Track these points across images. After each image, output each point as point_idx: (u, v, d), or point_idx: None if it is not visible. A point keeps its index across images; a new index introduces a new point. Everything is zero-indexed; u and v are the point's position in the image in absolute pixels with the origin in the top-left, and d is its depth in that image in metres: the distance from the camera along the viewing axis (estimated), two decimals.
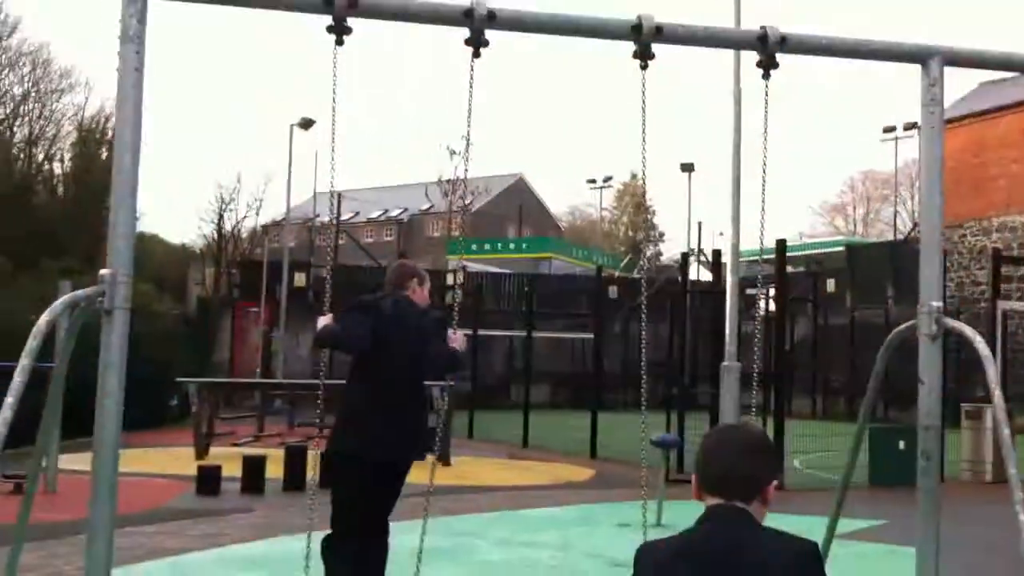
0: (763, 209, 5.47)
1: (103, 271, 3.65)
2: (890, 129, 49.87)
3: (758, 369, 6.48)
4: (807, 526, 3.87)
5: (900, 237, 38.92)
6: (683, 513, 10.76)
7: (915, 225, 35.50)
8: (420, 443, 5.68)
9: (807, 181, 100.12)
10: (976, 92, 33.87)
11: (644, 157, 5.34)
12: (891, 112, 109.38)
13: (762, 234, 5.80)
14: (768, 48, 4.76)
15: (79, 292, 3.72)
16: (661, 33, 4.49)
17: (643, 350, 5.91)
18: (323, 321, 5.33)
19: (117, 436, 3.70)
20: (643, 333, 6.10)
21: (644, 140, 5.20)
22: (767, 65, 4.85)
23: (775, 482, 2.56)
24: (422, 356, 5.46)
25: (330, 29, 4.04)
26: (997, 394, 4.63)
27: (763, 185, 5.30)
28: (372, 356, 5.36)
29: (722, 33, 4.91)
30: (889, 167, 60.37)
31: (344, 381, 5.70)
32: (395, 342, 5.35)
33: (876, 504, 11.79)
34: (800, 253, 40.28)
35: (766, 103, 5.02)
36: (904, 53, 4.93)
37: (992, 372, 4.69)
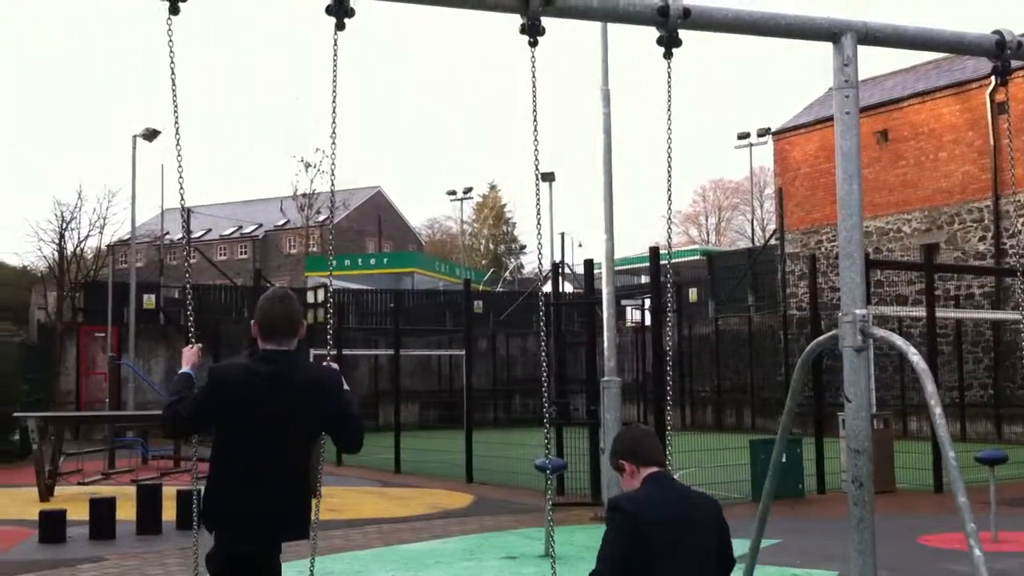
0: (669, 202, 4.88)
1: None
2: (744, 136, 50.79)
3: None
4: None
5: (759, 245, 39.49)
6: (570, 539, 9.93)
7: (773, 232, 36.04)
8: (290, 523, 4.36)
9: (658, 191, 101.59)
10: (823, 98, 34.50)
11: (538, 168, 4.71)
12: (742, 120, 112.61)
13: (669, 231, 5.22)
14: (670, 23, 4.37)
15: None
16: (552, 4, 4.13)
17: (544, 368, 5.26)
18: (187, 356, 4.44)
19: None
20: (543, 351, 5.46)
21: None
22: (668, 43, 4.38)
23: None
24: (304, 428, 4.32)
25: None
26: (938, 412, 4.30)
27: (668, 171, 4.71)
28: (228, 437, 4.26)
29: (620, 7, 4.31)
30: (738, 175, 61.77)
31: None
32: (262, 426, 4.19)
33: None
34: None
35: (669, 86, 4.52)
36: (815, 29, 4.56)
37: (931, 387, 4.34)
